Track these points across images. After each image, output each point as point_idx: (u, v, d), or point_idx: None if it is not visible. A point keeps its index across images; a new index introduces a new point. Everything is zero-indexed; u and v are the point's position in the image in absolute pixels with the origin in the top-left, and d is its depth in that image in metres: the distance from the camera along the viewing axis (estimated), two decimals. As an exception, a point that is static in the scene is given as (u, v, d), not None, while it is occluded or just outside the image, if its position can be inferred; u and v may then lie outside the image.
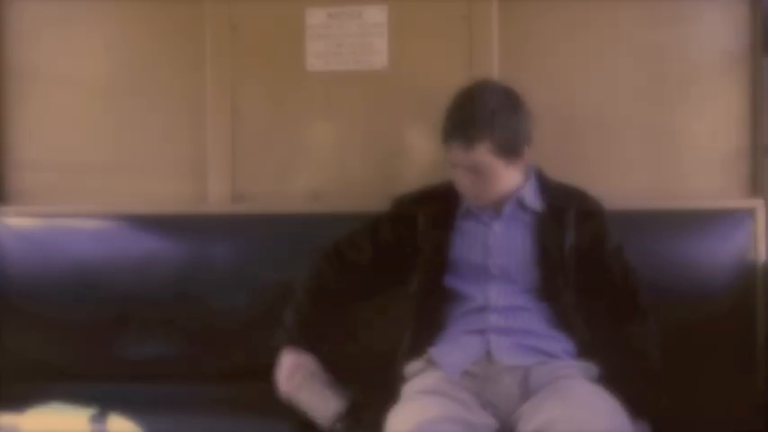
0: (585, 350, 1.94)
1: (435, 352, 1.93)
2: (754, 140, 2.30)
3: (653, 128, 2.34)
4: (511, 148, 1.93)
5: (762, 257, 2.23)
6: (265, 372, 2.32)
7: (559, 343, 1.93)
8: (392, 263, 2.07)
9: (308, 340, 2.04)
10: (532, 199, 2.01)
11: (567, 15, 2.36)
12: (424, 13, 2.38)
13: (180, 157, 2.49)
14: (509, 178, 1.98)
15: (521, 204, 2.00)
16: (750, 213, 2.25)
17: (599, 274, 1.99)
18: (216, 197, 2.46)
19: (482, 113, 1.90)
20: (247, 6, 2.44)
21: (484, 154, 1.90)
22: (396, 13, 2.40)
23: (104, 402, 2.08)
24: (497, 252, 1.99)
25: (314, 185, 2.45)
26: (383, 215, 2.13)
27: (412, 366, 1.97)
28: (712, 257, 2.22)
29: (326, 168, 2.44)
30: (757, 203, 2.27)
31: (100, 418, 2.00)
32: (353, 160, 2.43)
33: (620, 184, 2.34)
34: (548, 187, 2.04)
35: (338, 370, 2.03)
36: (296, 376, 1.98)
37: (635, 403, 1.79)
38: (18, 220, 2.49)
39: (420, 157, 2.39)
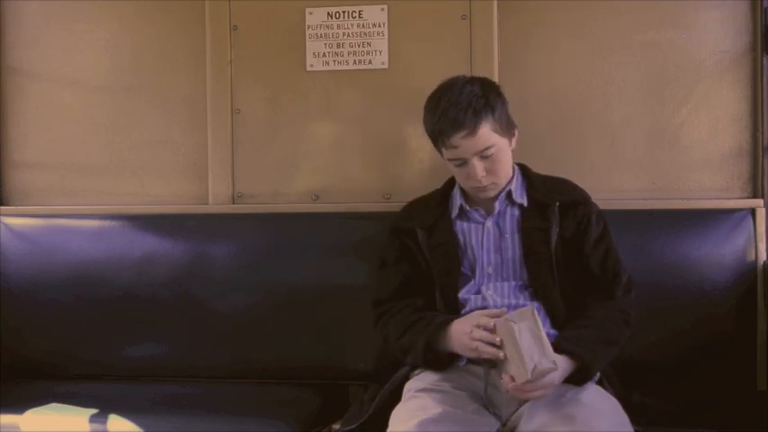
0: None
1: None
2: (754, 140, 2.31)
3: (653, 128, 2.35)
4: (508, 124, 1.96)
5: (762, 257, 2.23)
6: (264, 372, 2.33)
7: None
8: (422, 272, 2.03)
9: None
10: (519, 193, 2.01)
11: (567, 15, 2.36)
12: (424, 12, 2.38)
13: (180, 157, 2.50)
14: (510, 159, 1.99)
15: (509, 199, 2.01)
16: (750, 213, 2.26)
17: (579, 263, 1.97)
18: (216, 197, 2.46)
19: (472, 98, 1.91)
20: (247, 6, 2.44)
21: (489, 134, 1.91)
22: (396, 12, 2.40)
23: (104, 402, 2.08)
24: (491, 249, 1.99)
25: (314, 185, 2.45)
26: (386, 245, 2.09)
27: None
28: (712, 257, 2.22)
29: (326, 168, 2.44)
30: (757, 203, 2.27)
31: (100, 418, 2.00)
32: (353, 160, 2.43)
33: (620, 184, 2.34)
34: (532, 181, 2.03)
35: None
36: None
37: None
38: (18, 220, 2.49)
39: (420, 156, 2.39)
